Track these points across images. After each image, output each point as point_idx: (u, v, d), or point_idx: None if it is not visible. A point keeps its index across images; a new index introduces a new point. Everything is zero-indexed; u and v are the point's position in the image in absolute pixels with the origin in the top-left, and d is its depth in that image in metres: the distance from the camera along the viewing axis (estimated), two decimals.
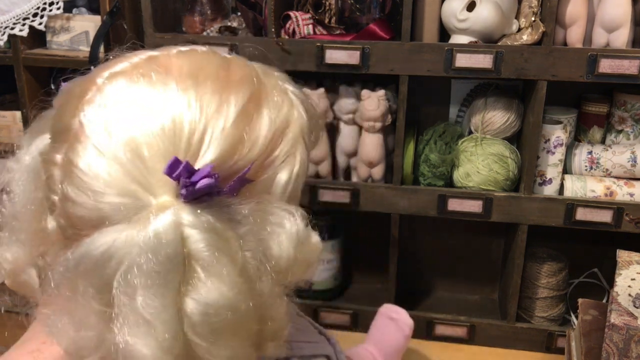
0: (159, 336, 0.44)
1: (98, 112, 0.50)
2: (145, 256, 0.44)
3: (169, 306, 0.44)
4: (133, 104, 0.50)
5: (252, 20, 1.48)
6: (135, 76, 0.52)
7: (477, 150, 1.45)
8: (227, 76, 0.54)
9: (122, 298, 0.44)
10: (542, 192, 1.47)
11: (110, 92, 0.51)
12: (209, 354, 0.46)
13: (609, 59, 1.30)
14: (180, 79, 0.51)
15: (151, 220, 0.45)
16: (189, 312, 0.45)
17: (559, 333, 1.52)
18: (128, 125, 0.48)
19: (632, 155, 1.43)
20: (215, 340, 0.46)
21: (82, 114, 0.50)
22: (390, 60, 1.38)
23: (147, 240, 0.44)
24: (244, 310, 0.47)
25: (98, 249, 0.45)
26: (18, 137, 1.74)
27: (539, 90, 1.34)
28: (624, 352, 1.01)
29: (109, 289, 0.45)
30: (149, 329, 0.44)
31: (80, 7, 1.65)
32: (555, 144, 1.43)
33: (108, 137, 0.48)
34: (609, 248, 1.39)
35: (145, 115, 0.49)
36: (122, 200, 0.46)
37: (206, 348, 0.46)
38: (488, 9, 1.34)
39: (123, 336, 0.44)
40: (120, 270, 0.44)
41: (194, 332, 0.45)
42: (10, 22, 1.58)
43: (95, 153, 0.48)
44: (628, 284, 1.11)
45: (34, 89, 1.68)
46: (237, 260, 0.47)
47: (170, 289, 0.44)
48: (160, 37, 1.47)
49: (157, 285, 0.44)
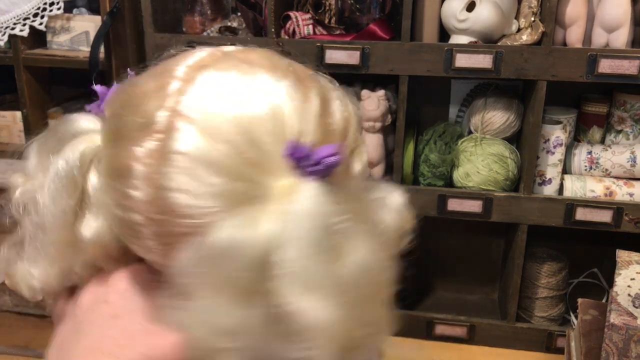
0: (329, 302, 0.45)
1: (198, 100, 0.49)
2: (298, 233, 0.45)
3: (330, 274, 0.46)
4: (233, 92, 0.49)
5: (252, 21, 1.48)
6: (223, 67, 0.52)
7: (477, 150, 1.46)
8: (296, 71, 0.54)
9: (280, 277, 0.45)
10: (542, 192, 1.47)
11: (205, 82, 0.50)
12: (358, 323, 0.48)
13: (608, 59, 1.30)
14: (268, 71, 0.52)
15: (292, 199, 0.46)
16: (345, 278, 0.46)
17: (558, 333, 1.52)
18: (234, 110, 0.48)
19: (631, 155, 1.43)
20: (363, 308, 0.48)
21: (176, 104, 0.48)
22: (390, 60, 1.38)
23: (297, 219, 0.45)
24: (384, 279, 0.50)
25: (240, 237, 0.45)
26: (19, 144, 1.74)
27: (539, 90, 1.35)
28: (623, 352, 1.01)
29: (262, 273, 0.45)
30: (320, 294, 0.45)
31: (80, 7, 1.65)
32: (555, 144, 1.43)
33: (216, 121, 0.47)
34: (609, 248, 1.40)
35: (248, 101, 0.49)
36: (237, 185, 0.46)
37: (357, 317, 0.47)
38: (488, 9, 1.34)
39: (295, 304, 0.45)
40: (273, 253, 0.45)
41: (347, 299, 0.47)
42: (11, 22, 1.58)
43: (202, 137, 0.46)
44: (628, 284, 1.11)
45: (34, 89, 1.68)
46: (371, 229, 0.50)
47: (327, 259, 0.46)
48: (160, 37, 1.47)
49: (317, 254, 0.45)
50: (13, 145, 1.75)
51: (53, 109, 1.75)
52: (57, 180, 0.53)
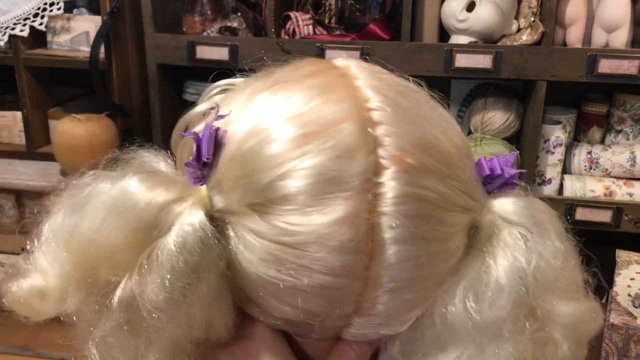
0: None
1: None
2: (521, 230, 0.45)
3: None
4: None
5: (252, 21, 1.48)
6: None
7: (477, 150, 1.46)
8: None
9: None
10: (542, 192, 1.47)
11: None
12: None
13: (608, 59, 1.30)
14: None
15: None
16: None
17: None
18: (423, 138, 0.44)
19: (631, 155, 1.43)
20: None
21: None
22: (390, 60, 1.37)
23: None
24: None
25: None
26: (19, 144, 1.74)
27: (539, 90, 1.35)
28: (623, 352, 1.01)
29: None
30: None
31: (80, 7, 1.65)
32: (555, 144, 1.43)
33: (422, 158, 0.42)
34: (609, 248, 1.39)
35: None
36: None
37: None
38: (488, 9, 1.34)
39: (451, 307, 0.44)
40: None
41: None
42: (11, 23, 1.58)
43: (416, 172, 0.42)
44: (627, 284, 1.11)
45: (34, 89, 1.68)
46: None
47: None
48: (160, 37, 1.47)
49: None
50: (13, 145, 1.76)
51: (53, 109, 1.76)
52: (175, 274, 0.40)
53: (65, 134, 1.54)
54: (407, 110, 0.43)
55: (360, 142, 0.40)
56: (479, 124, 1.49)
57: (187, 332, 0.42)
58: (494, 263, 0.43)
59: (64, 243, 0.42)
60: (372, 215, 0.40)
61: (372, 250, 0.40)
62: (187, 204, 0.41)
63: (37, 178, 1.59)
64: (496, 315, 0.43)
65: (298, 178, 0.40)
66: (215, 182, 0.43)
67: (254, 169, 0.41)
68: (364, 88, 0.43)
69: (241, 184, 0.41)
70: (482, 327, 0.43)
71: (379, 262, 0.40)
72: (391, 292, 0.42)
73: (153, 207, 0.40)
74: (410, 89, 0.47)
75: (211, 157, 0.43)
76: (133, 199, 0.40)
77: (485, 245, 0.44)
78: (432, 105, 0.46)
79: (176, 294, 0.40)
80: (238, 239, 0.42)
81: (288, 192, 0.40)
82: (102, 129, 1.56)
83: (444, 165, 0.42)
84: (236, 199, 0.41)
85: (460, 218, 0.43)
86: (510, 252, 0.44)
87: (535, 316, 0.45)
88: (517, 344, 0.44)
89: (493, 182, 0.47)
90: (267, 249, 0.41)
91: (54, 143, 1.58)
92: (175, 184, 0.42)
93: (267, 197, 0.40)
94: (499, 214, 0.45)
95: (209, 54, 1.44)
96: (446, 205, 0.42)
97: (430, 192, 0.41)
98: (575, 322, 0.46)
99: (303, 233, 0.40)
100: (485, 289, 0.43)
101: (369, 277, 0.41)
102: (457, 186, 0.43)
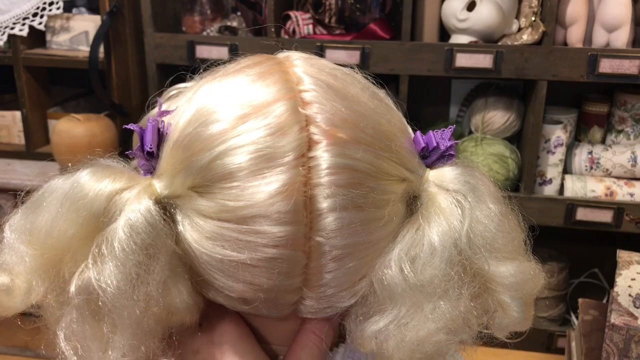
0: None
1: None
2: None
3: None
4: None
5: (252, 20, 1.48)
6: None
7: (477, 150, 1.45)
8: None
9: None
10: (543, 192, 1.46)
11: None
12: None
13: (609, 59, 1.30)
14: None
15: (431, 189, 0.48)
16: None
17: (559, 333, 1.52)
18: (361, 115, 0.47)
19: (632, 155, 1.43)
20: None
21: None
22: (390, 60, 1.37)
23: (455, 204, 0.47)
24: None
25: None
26: (18, 144, 1.73)
27: (539, 90, 1.34)
28: (624, 352, 1.01)
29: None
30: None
31: (80, 7, 1.64)
32: (556, 144, 1.43)
33: (353, 132, 0.44)
34: (609, 248, 1.39)
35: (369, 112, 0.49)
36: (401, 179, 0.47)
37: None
38: (488, 8, 1.34)
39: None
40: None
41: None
42: (10, 22, 1.58)
43: (347, 149, 0.44)
44: (628, 284, 1.11)
45: (34, 89, 1.68)
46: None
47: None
48: (160, 37, 1.47)
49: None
50: (12, 145, 1.75)
51: (52, 108, 1.75)
52: (127, 255, 0.42)
53: (64, 134, 1.53)
54: (339, 91, 0.46)
55: (293, 119, 0.43)
56: (480, 124, 1.49)
57: (147, 311, 0.43)
58: (428, 227, 0.46)
59: (24, 239, 0.45)
60: (307, 187, 0.42)
61: (310, 220, 0.43)
62: (133, 192, 0.43)
63: (37, 178, 1.59)
64: (430, 275, 0.45)
65: (235, 156, 0.42)
66: (161, 169, 0.46)
67: (192, 152, 0.43)
68: (297, 73, 0.46)
69: (183, 168, 0.44)
70: (417, 286, 0.46)
71: (317, 231, 0.43)
72: (334, 260, 0.44)
73: (101, 196, 0.43)
74: (344, 72, 0.49)
75: (155, 147, 0.46)
76: (83, 190, 0.43)
77: (422, 212, 0.47)
78: (364, 86, 0.49)
79: (129, 274, 0.42)
80: (185, 221, 0.45)
81: (226, 169, 0.42)
82: (101, 129, 1.56)
83: (375, 138, 0.45)
84: (179, 182, 0.44)
85: (394, 187, 0.46)
86: (444, 216, 0.46)
87: (473, 276, 0.47)
88: (456, 302, 0.46)
89: (431, 155, 0.50)
90: (212, 227, 0.43)
91: (53, 143, 1.57)
92: (123, 174, 0.45)
93: (207, 176, 0.43)
94: (434, 183, 0.48)
95: (208, 53, 1.44)
96: (378, 174, 0.45)
97: (362, 163, 0.44)
98: (517, 283, 0.49)
99: (243, 208, 0.42)
100: (419, 251, 0.46)
101: (310, 247, 0.43)
102: (390, 157, 0.46)
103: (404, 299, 0.46)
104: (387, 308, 0.47)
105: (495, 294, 0.49)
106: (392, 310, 0.46)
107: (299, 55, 0.50)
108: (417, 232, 0.46)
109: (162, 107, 0.49)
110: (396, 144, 0.46)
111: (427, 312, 0.46)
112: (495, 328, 0.52)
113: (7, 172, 1.62)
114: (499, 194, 0.50)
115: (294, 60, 0.48)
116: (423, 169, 0.49)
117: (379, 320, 0.47)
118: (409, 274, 0.45)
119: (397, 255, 0.46)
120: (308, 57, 0.50)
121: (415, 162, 0.48)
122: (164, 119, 0.48)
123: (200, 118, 0.44)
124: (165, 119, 0.48)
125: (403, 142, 0.48)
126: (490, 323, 0.51)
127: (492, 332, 0.52)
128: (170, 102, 0.53)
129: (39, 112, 1.71)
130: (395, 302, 0.46)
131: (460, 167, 0.49)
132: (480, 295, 0.49)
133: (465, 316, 0.47)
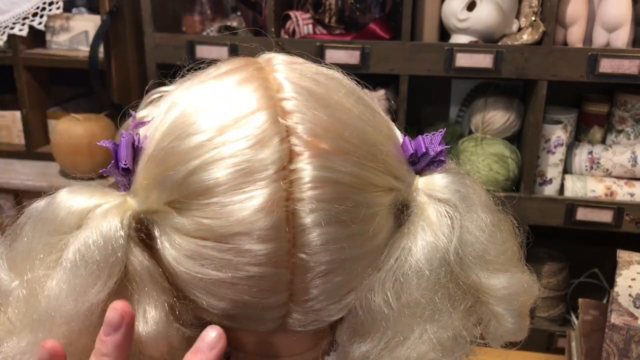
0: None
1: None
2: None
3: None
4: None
5: (252, 20, 1.48)
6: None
7: (478, 150, 1.45)
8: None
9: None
10: (543, 192, 1.46)
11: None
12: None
13: (609, 59, 1.30)
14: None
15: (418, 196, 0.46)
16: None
17: (559, 333, 1.52)
18: (345, 124, 0.45)
19: (632, 155, 1.43)
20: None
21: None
22: (390, 60, 1.37)
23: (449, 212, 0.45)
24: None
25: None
26: (18, 144, 1.73)
27: (540, 90, 1.34)
28: (624, 352, 1.01)
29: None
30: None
31: (79, 6, 1.64)
32: (556, 143, 1.43)
33: (336, 142, 0.42)
34: (610, 248, 1.39)
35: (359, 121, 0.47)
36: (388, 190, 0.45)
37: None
38: (488, 8, 1.34)
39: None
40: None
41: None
42: (10, 22, 1.58)
43: (332, 160, 0.42)
44: (628, 284, 1.11)
45: (34, 89, 1.68)
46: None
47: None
48: (159, 37, 1.46)
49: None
50: (12, 145, 1.75)
51: (52, 108, 1.75)
52: (77, 269, 0.40)
53: (64, 134, 1.53)
54: (321, 98, 0.43)
55: (272, 131, 0.40)
56: (480, 124, 1.49)
57: (87, 325, 0.41)
58: (415, 245, 0.44)
59: (10, 263, 0.44)
60: (289, 202, 0.40)
61: (293, 236, 0.40)
62: (104, 208, 0.42)
63: (36, 178, 1.59)
64: (416, 299, 0.44)
65: (212, 170, 0.40)
66: (137, 185, 0.43)
67: (167, 166, 0.41)
68: (278, 79, 0.44)
69: (157, 183, 0.41)
70: (402, 312, 0.44)
71: (301, 247, 0.41)
72: (320, 276, 0.42)
73: (72, 214, 0.41)
74: (328, 77, 0.47)
75: (130, 162, 0.43)
76: (56, 210, 0.42)
77: (409, 227, 0.45)
78: (349, 91, 0.46)
79: (75, 290, 0.40)
80: (164, 237, 0.43)
81: (203, 185, 0.40)
82: (101, 129, 1.56)
83: (360, 147, 0.43)
84: (154, 198, 0.42)
85: (382, 198, 0.44)
86: (432, 230, 0.44)
87: (464, 291, 0.46)
88: (447, 322, 0.45)
89: (420, 161, 0.47)
90: (190, 246, 0.41)
91: (53, 143, 1.57)
92: (98, 192, 0.43)
93: (183, 192, 0.41)
94: (424, 191, 0.46)
95: (208, 53, 1.44)
96: (364, 186, 0.42)
97: (346, 175, 0.41)
98: (510, 295, 0.47)
99: (222, 226, 0.40)
100: (405, 274, 0.44)
101: (294, 263, 0.41)
102: (376, 166, 0.43)
103: (388, 324, 0.44)
104: (373, 331, 0.45)
105: (488, 306, 0.48)
106: (377, 334, 0.45)
107: (281, 59, 0.47)
108: (402, 252, 0.44)
109: (136, 118, 0.47)
110: (383, 152, 0.44)
111: (417, 334, 0.44)
112: (490, 338, 0.51)
113: (7, 172, 1.62)
114: (490, 202, 0.49)
115: (275, 65, 0.46)
116: (412, 176, 0.47)
117: (367, 343, 0.46)
118: (393, 301, 0.44)
119: (382, 280, 0.44)
120: (290, 61, 0.47)
121: (403, 170, 0.46)
122: (139, 130, 0.46)
123: (175, 131, 0.42)
124: (141, 131, 0.46)
125: (390, 149, 0.45)
126: (484, 332, 0.50)
127: (487, 341, 0.51)
128: (151, 108, 0.51)
129: (39, 112, 1.71)
130: (379, 327, 0.45)
131: (450, 175, 0.47)
132: (473, 306, 0.47)
133: (458, 333, 0.46)
